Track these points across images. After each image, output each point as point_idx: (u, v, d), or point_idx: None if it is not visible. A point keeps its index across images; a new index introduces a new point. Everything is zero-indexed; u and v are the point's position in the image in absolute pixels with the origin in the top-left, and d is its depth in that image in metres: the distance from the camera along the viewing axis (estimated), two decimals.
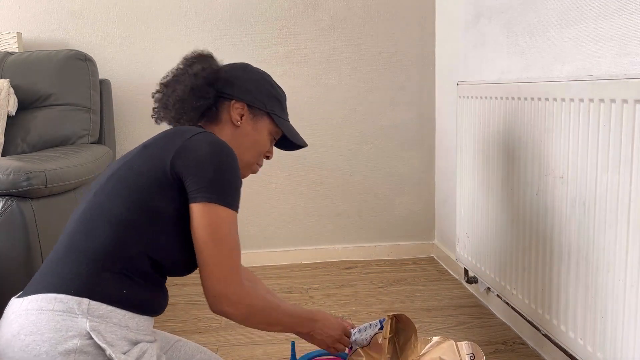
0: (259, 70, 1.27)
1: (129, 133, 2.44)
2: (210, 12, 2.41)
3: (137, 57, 2.40)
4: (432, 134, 2.58)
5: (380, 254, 2.63)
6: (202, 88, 1.17)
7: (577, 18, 1.41)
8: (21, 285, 1.43)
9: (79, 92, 2.07)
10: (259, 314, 1.03)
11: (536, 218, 1.46)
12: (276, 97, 1.24)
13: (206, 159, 1.00)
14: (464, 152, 1.95)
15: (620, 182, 1.11)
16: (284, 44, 2.46)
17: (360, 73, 2.51)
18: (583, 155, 1.24)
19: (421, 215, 2.64)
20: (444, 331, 1.82)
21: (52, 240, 1.55)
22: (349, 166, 2.56)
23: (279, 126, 1.23)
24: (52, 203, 1.58)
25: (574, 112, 1.27)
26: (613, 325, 1.16)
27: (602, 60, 1.31)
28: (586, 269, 1.24)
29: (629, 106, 1.08)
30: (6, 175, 1.41)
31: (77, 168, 1.72)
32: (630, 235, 1.09)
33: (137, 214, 0.97)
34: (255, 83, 1.23)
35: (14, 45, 2.23)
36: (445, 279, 2.33)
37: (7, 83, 1.95)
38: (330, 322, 1.17)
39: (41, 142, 1.99)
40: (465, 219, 1.97)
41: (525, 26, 1.67)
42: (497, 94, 1.66)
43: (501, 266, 1.68)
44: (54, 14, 2.35)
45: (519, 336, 1.78)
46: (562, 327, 1.35)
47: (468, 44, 2.12)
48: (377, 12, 2.48)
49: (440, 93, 2.49)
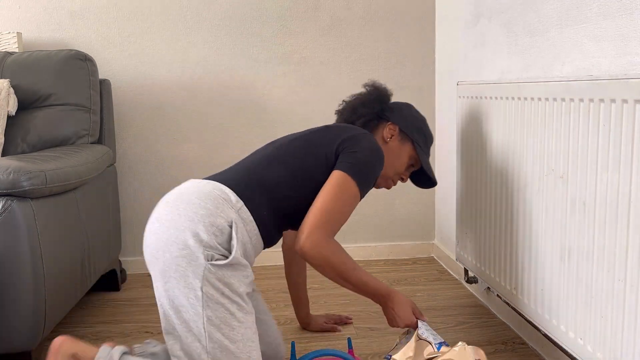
0: (418, 112, 1.62)
1: (129, 133, 2.44)
2: (210, 12, 2.42)
3: (137, 57, 2.41)
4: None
5: (380, 254, 2.63)
6: (371, 102, 1.56)
7: (577, 18, 1.41)
8: (21, 285, 1.43)
9: (79, 92, 2.07)
10: (329, 268, 1.25)
11: (536, 218, 1.46)
12: (424, 134, 1.56)
13: (363, 148, 1.33)
14: (464, 152, 1.95)
15: (620, 182, 1.11)
16: (284, 44, 2.46)
17: (360, 73, 2.51)
18: (583, 155, 1.24)
19: (421, 215, 2.64)
20: (444, 331, 1.82)
21: (52, 240, 1.55)
22: None
23: (419, 155, 1.54)
24: (52, 203, 1.58)
25: (574, 112, 1.27)
26: (613, 325, 1.16)
27: (602, 60, 1.31)
28: (586, 269, 1.24)
29: (629, 106, 1.08)
30: (6, 175, 1.41)
31: (77, 168, 1.72)
32: (630, 235, 1.09)
33: (301, 171, 1.31)
34: (412, 118, 1.56)
35: (14, 45, 2.23)
36: (445, 279, 2.33)
37: (7, 83, 1.95)
38: (403, 308, 1.34)
39: (41, 142, 1.99)
40: (465, 219, 1.97)
41: (525, 26, 1.67)
42: (497, 94, 1.66)
43: (501, 266, 1.68)
44: (54, 14, 2.35)
45: (519, 336, 1.78)
46: (562, 327, 1.35)
47: (468, 44, 2.12)
48: (377, 12, 2.48)
49: (440, 93, 2.49)
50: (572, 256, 1.30)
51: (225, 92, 2.46)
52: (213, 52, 2.44)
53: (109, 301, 2.17)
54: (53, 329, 1.89)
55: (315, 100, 2.50)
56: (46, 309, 1.51)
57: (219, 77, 2.45)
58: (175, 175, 2.47)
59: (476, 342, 1.74)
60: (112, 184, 2.19)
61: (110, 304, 2.13)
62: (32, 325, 1.47)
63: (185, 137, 2.46)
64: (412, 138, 1.55)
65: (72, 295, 1.72)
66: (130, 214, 2.47)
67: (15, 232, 1.42)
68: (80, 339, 1.27)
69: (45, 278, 1.50)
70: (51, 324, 1.57)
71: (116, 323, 1.95)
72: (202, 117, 2.46)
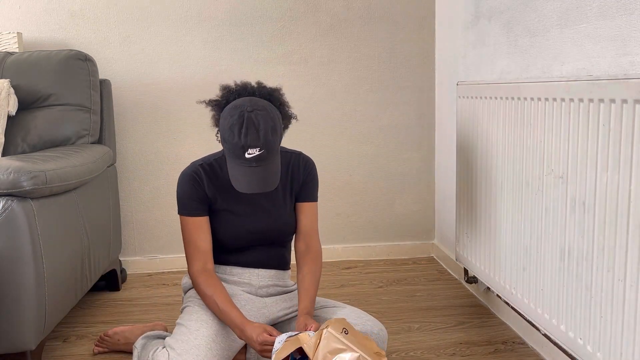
0: (227, 115, 1.41)
1: (129, 133, 2.44)
2: (210, 12, 2.42)
3: (137, 57, 2.41)
4: (432, 134, 2.58)
5: (380, 254, 2.63)
6: (214, 118, 1.53)
7: (577, 18, 1.41)
8: (22, 284, 1.43)
9: (79, 92, 2.07)
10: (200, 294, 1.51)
11: (536, 218, 1.46)
12: (226, 140, 1.39)
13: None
14: (464, 152, 1.95)
15: (620, 182, 1.11)
16: (284, 44, 2.46)
17: (360, 73, 2.51)
18: (583, 155, 1.24)
19: (421, 215, 2.64)
20: (444, 331, 1.82)
21: (52, 240, 1.55)
22: (349, 166, 2.56)
23: (227, 164, 1.43)
24: (52, 203, 1.58)
25: (574, 112, 1.27)
26: (613, 325, 1.16)
27: (602, 60, 1.31)
28: (586, 269, 1.24)
29: (629, 106, 1.08)
30: (6, 175, 1.41)
31: (77, 168, 1.72)
32: (630, 235, 1.09)
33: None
34: (220, 128, 1.42)
35: (14, 45, 2.23)
36: (445, 278, 2.33)
37: (7, 83, 1.95)
38: (251, 340, 1.39)
39: (41, 142, 1.99)
40: (465, 219, 1.97)
41: (525, 26, 1.67)
42: (497, 94, 1.66)
43: (501, 266, 1.68)
44: (54, 14, 2.36)
45: (519, 336, 1.78)
46: (562, 327, 1.35)
47: (468, 44, 2.12)
48: (377, 12, 2.49)
49: (440, 93, 2.49)
50: (572, 256, 1.30)
51: None
52: (213, 52, 2.44)
53: (109, 301, 2.17)
54: (53, 329, 1.89)
55: (315, 100, 2.50)
56: (46, 309, 1.51)
57: (219, 77, 2.45)
58: (175, 176, 2.47)
59: (476, 342, 1.75)
60: (112, 184, 2.19)
61: (110, 304, 2.13)
62: (32, 325, 1.47)
63: (185, 137, 2.47)
64: (224, 149, 1.43)
65: (72, 295, 1.72)
66: (130, 214, 2.47)
67: (16, 232, 1.42)
68: None
69: (45, 278, 1.50)
70: (51, 324, 1.57)
71: (116, 323, 1.95)
72: (202, 117, 2.46)
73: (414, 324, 1.89)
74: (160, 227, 2.50)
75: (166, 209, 2.48)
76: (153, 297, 2.19)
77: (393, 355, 1.68)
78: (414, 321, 1.92)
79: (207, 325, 1.45)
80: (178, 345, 1.40)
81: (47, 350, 1.78)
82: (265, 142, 1.36)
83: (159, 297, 2.20)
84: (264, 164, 1.38)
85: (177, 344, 1.40)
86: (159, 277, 2.43)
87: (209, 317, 1.48)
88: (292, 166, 1.60)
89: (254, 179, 1.38)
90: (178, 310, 2.06)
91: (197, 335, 1.42)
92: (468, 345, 1.73)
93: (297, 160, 1.61)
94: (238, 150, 1.36)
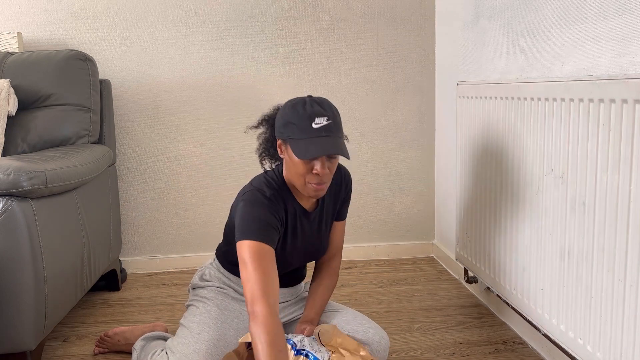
0: (288, 103, 1.40)
1: (129, 133, 2.44)
2: (210, 12, 2.42)
3: (137, 57, 2.41)
4: (432, 134, 2.58)
5: (380, 254, 2.63)
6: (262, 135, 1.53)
7: (577, 18, 1.41)
8: (22, 285, 1.43)
9: (79, 92, 2.07)
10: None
11: (536, 218, 1.46)
12: (290, 121, 1.35)
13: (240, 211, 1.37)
14: (464, 152, 1.95)
15: (620, 182, 1.11)
16: (284, 44, 2.46)
17: (360, 73, 2.51)
18: (583, 155, 1.24)
19: (421, 215, 2.64)
20: (444, 331, 1.82)
21: (52, 240, 1.55)
22: (349, 166, 2.56)
23: (289, 144, 1.36)
24: (52, 203, 1.58)
25: (574, 112, 1.27)
26: (613, 325, 1.16)
27: (602, 60, 1.31)
28: (586, 269, 1.24)
29: (629, 106, 1.08)
30: (6, 175, 1.41)
31: (77, 168, 1.72)
32: (630, 235, 1.09)
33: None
34: (280, 119, 1.39)
35: (14, 45, 2.23)
36: (445, 278, 2.33)
37: (7, 83, 1.95)
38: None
39: (41, 142, 1.99)
40: (465, 219, 1.97)
41: (525, 26, 1.67)
42: (497, 94, 1.66)
43: (501, 266, 1.68)
44: (54, 14, 2.36)
45: (519, 336, 1.78)
46: (562, 326, 1.35)
47: (468, 44, 2.12)
48: (377, 12, 2.49)
49: (440, 93, 2.49)
50: (572, 256, 1.30)
51: (225, 92, 2.46)
52: (213, 52, 2.44)
53: (109, 301, 2.17)
54: (53, 329, 1.89)
55: None
56: (46, 309, 1.51)
57: (219, 77, 2.45)
58: (175, 175, 2.47)
59: (476, 342, 1.75)
60: (112, 184, 2.19)
61: (110, 304, 2.13)
62: (32, 325, 1.47)
63: (185, 137, 2.47)
64: (284, 137, 1.36)
65: (72, 295, 1.72)
66: (130, 214, 2.47)
67: (16, 232, 1.42)
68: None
69: (45, 278, 1.50)
70: (51, 324, 1.57)
71: (116, 323, 1.95)
72: (202, 117, 2.46)
73: (414, 324, 1.89)
74: (160, 227, 2.50)
75: (166, 209, 2.48)
76: (153, 297, 2.19)
77: (393, 355, 1.68)
78: (414, 321, 1.92)
79: (209, 329, 1.44)
80: (178, 349, 1.39)
81: (47, 350, 1.78)
82: (332, 114, 1.32)
83: (158, 297, 2.20)
84: (333, 135, 1.31)
85: (177, 348, 1.40)
86: (158, 277, 2.43)
87: (212, 319, 1.47)
88: (335, 185, 1.54)
89: (325, 145, 1.29)
90: (178, 310, 2.06)
91: (198, 340, 1.41)
92: (468, 345, 1.73)
93: (339, 175, 1.55)
94: (305, 121, 1.30)
